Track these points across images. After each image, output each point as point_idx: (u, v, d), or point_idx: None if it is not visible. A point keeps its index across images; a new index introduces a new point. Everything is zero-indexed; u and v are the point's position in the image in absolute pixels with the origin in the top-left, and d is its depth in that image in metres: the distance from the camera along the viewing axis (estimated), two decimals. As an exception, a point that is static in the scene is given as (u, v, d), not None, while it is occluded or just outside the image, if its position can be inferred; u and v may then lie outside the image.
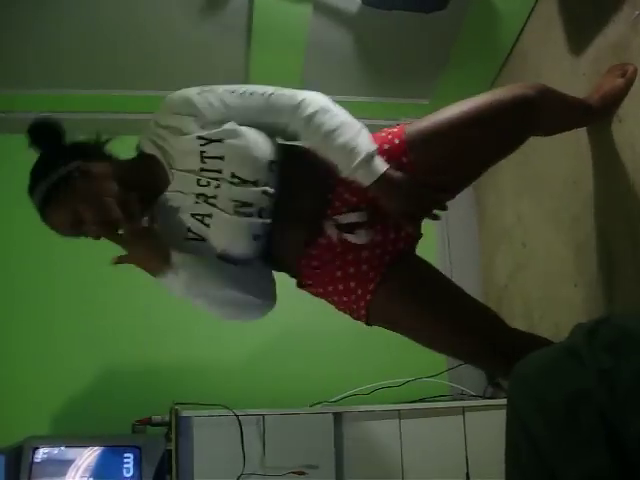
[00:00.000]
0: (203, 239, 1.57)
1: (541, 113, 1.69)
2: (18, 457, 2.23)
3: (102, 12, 2.49)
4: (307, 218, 1.64)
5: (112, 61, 2.67)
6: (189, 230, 1.57)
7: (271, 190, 1.58)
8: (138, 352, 2.77)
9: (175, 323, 2.75)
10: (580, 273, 2.24)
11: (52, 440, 2.37)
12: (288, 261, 1.69)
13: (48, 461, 2.26)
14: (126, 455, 2.30)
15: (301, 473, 2.31)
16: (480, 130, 1.64)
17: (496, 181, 2.93)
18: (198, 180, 1.56)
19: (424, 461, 2.40)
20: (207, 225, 1.56)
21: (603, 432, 0.99)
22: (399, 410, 2.47)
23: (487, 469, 2.30)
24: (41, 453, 2.25)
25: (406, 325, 1.67)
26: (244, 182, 1.55)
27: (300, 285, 1.74)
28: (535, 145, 2.43)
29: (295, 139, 1.66)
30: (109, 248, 1.57)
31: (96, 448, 2.31)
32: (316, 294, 1.73)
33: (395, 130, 1.67)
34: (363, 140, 1.56)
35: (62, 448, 2.31)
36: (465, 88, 2.83)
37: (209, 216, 1.56)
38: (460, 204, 3.15)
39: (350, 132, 1.56)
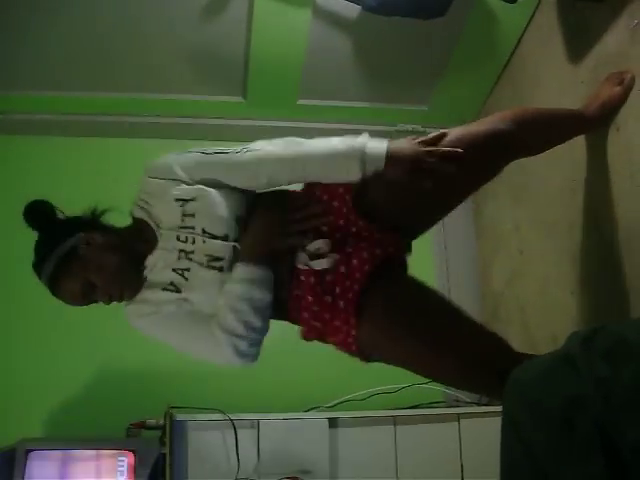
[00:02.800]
0: (179, 291, 1.62)
1: (515, 145, 1.73)
2: (11, 459, 2.22)
3: (99, 13, 2.48)
4: (281, 259, 1.65)
5: (110, 63, 2.67)
6: (170, 284, 1.63)
7: (237, 243, 1.62)
8: (133, 355, 2.76)
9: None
10: (577, 281, 2.24)
11: (46, 442, 2.37)
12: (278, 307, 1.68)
13: (42, 463, 2.25)
14: (120, 458, 2.29)
15: (295, 478, 2.31)
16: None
17: (494, 189, 2.93)
18: (178, 236, 1.63)
19: (419, 467, 2.40)
20: (186, 279, 1.62)
21: (598, 440, 0.99)
22: (394, 416, 2.47)
23: (482, 476, 2.30)
24: (35, 455, 2.24)
25: (395, 352, 1.65)
26: (214, 237, 1.61)
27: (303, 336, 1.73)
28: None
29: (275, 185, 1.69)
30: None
31: (90, 451, 2.31)
32: (318, 338, 1.72)
33: None
34: (342, 140, 1.60)
35: (56, 451, 2.30)
36: (464, 95, 2.86)
37: (187, 270, 1.62)
38: (458, 212, 3.15)
39: (325, 142, 1.61)
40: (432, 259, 3.08)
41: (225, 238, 1.61)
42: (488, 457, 1.42)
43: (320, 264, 1.62)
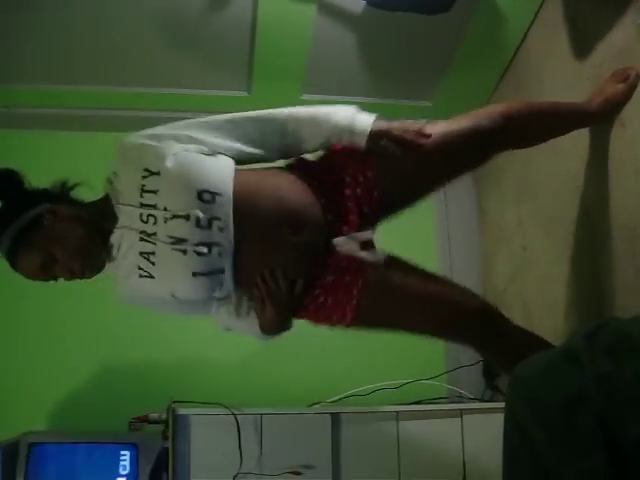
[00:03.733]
0: (152, 276, 1.57)
1: (501, 139, 1.79)
2: (15, 452, 2.22)
3: (105, 7, 2.48)
4: (311, 243, 1.63)
5: (115, 57, 2.67)
6: (139, 268, 1.58)
7: (200, 221, 1.51)
8: (136, 349, 2.77)
9: (173, 321, 2.74)
10: (580, 277, 2.24)
11: (49, 436, 2.38)
12: None
13: (44, 457, 2.26)
14: (123, 452, 2.30)
15: (297, 473, 2.31)
16: (440, 156, 1.69)
17: (497, 185, 2.93)
18: (140, 215, 1.55)
19: (421, 463, 2.40)
20: (153, 263, 1.55)
21: (600, 436, 0.99)
22: (397, 412, 2.47)
23: (484, 472, 2.31)
24: (37, 449, 2.25)
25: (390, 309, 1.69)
26: (174, 217, 1.51)
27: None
28: (537, 149, 2.43)
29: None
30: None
31: (93, 445, 2.31)
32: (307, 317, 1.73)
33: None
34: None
35: (58, 444, 2.31)
36: (468, 91, 2.85)
37: (153, 254, 1.55)
38: (461, 207, 3.16)
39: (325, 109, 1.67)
40: (435, 255, 3.08)
41: (187, 217, 1.50)
42: (490, 453, 1.43)
43: (376, 256, 1.64)
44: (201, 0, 2.50)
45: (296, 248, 1.59)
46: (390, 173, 1.68)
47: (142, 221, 1.54)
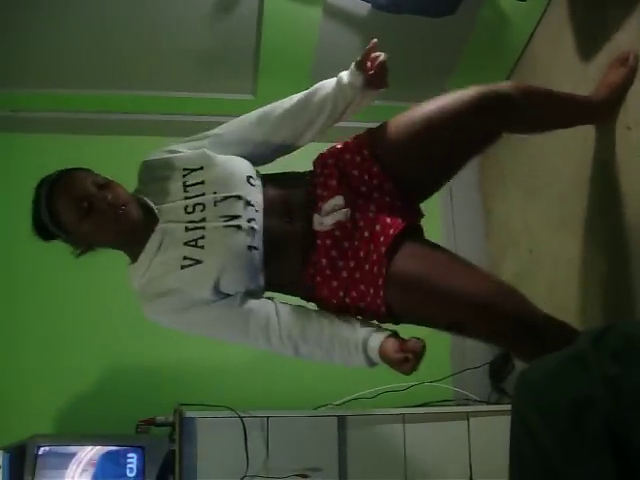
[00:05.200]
0: (199, 261, 1.60)
1: (514, 108, 1.74)
2: (22, 455, 2.23)
3: (109, 11, 2.49)
4: (299, 228, 1.69)
5: (120, 61, 2.68)
6: (184, 258, 1.61)
7: (252, 201, 1.65)
8: (143, 352, 2.77)
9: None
10: (587, 279, 2.23)
11: (56, 439, 2.38)
12: (293, 276, 1.71)
13: (52, 460, 2.26)
14: (129, 455, 2.30)
15: (304, 476, 2.31)
16: (448, 131, 1.71)
17: (504, 187, 2.92)
18: (185, 207, 1.64)
19: (428, 466, 2.40)
20: (202, 247, 1.61)
21: (607, 439, 0.99)
22: (403, 414, 2.47)
23: (491, 474, 2.30)
24: (45, 451, 2.26)
25: (423, 302, 1.63)
26: (226, 198, 1.63)
27: (314, 298, 1.74)
28: (543, 152, 2.43)
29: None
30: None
31: (100, 447, 2.32)
32: (332, 304, 1.71)
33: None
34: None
35: (66, 447, 2.31)
36: (474, 93, 2.84)
37: (202, 238, 1.62)
38: (467, 211, 3.15)
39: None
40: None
41: (238, 197, 1.63)
42: (497, 455, 1.42)
43: (333, 217, 1.65)
44: (207, 3, 2.51)
45: (295, 236, 1.68)
46: (391, 144, 1.74)
47: (187, 212, 1.64)
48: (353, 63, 1.75)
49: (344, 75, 1.77)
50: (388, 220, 1.64)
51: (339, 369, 2.81)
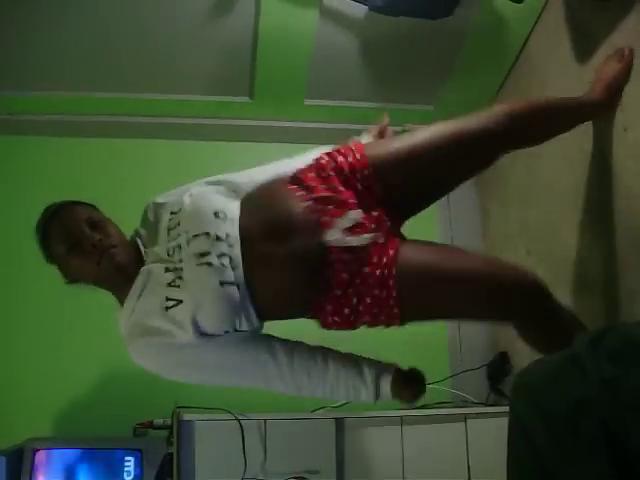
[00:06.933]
0: (181, 301, 1.58)
1: (511, 139, 1.81)
2: (19, 458, 2.22)
3: (107, 14, 2.49)
4: (299, 248, 1.62)
5: (118, 63, 2.67)
6: (167, 299, 1.59)
7: (222, 235, 1.60)
8: (141, 355, 2.76)
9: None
10: (584, 281, 2.23)
11: (53, 442, 2.37)
12: (296, 300, 1.67)
13: (49, 463, 2.26)
14: (127, 458, 2.30)
15: (302, 478, 2.30)
16: (445, 159, 1.73)
17: (501, 189, 2.92)
18: (167, 250, 1.65)
19: (425, 468, 2.39)
20: (178, 287, 1.59)
21: (604, 442, 0.99)
22: (401, 416, 2.46)
23: (489, 476, 2.30)
24: (42, 455, 2.25)
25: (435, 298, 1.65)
26: (196, 236, 1.60)
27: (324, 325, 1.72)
28: (540, 154, 2.43)
29: None
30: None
31: (97, 451, 2.31)
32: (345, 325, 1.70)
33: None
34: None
35: (63, 450, 2.31)
36: (470, 95, 2.85)
37: (179, 278, 1.59)
38: (464, 212, 3.16)
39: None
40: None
41: (207, 234, 1.59)
42: (495, 457, 1.42)
43: (360, 240, 1.62)
44: (204, 5, 2.51)
45: (289, 258, 1.61)
46: (387, 165, 1.73)
47: (169, 255, 1.64)
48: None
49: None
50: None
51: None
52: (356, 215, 1.64)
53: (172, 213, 1.70)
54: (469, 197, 3.14)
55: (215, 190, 1.72)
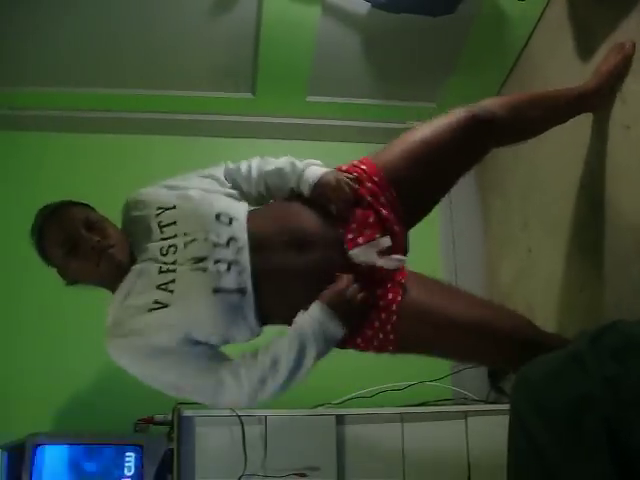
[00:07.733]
0: (166, 305, 1.53)
1: (496, 129, 1.78)
2: (21, 454, 2.22)
3: (109, 10, 2.49)
4: (319, 260, 1.60)
5: (120, 60, 2.67)
6: (155, 302, 1.54)
7: (221, 241, 1.55)
8: (142, 351, 2.77)
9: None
10: (586, 279, 2.23)
11: (54, 437, 2.38)
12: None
13: (50, 458, 2.26)
14: (128, 454, 2.30)
15: (302, 475, 2.31)
16: (442, 155, 1.73)
17: (502, 186, 2.92)
18: (161, 249, 1.58)
19: (426, 465, 2.39)
20: (171, 291, 1.54)
21: (605, 439, 0.99)
22: (401, 413, 2.47)
23: (489, 473, 2.30)
24: (43, 450, 2.25)
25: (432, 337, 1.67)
26: (194, 240, 1.56)
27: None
28: (542, 150, 2.43)
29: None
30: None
31: (98, 446, 2.32)
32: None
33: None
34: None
35: (64, 445, 2.31)
36: (472, 92, 2.83)
37: (172, 282, 1.54)
38: (465, 209, 3.15)
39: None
40: (439, 257, 3.07)
41: (206, 238, 1.55)
42: (495, 455, 1.42)
43: (394, 263, 1.63)
44: (206, 2, 2.51)
45: (307, 269, 1.59)
46: (399, 174, 1.71)
47: (162, 254, 1.58)
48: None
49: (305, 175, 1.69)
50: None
51: (338, 368, 2.82)
52: (387, 240, 1.64)
53: (161, 208, 1.63)
54: (470, 196, 3.14)
55: (215, 189, 1.70)
